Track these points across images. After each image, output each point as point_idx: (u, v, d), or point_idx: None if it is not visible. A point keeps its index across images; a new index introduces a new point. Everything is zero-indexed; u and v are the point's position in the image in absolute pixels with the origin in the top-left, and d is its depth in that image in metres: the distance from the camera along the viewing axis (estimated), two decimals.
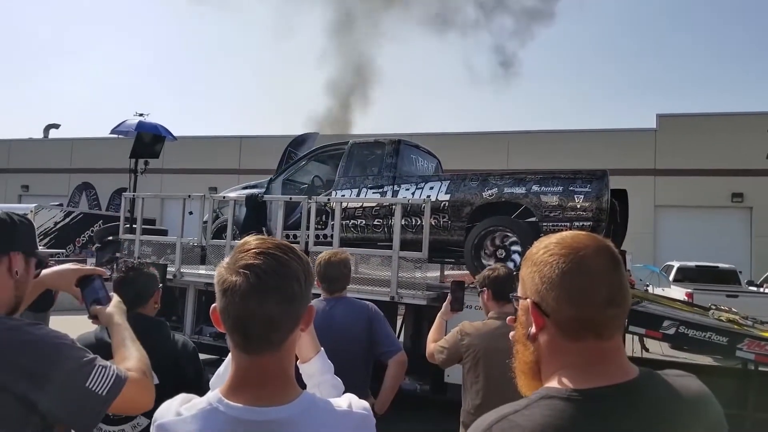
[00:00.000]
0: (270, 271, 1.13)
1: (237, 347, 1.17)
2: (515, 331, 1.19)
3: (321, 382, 1.66)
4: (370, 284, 6.76)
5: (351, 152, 8.14)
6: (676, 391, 1.07)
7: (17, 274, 1.56)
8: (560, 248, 1.08)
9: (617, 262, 1.08)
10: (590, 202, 6.45)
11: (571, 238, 1.10)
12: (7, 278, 1.54)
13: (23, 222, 1.62)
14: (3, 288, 1.53)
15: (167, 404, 1.20)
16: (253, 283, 1.11)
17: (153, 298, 2.67)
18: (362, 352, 3.24)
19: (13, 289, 1.56)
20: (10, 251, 1.55)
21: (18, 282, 1.57)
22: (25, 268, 1.59)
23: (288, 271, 1.15)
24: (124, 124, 12.45)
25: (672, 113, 22.48)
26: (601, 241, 1.10)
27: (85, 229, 20.74)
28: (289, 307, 1.15)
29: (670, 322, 5.85)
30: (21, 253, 1.57)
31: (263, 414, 1.13)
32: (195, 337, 7.52)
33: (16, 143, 32.43)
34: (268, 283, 1.12)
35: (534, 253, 1.13)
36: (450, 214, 7.15)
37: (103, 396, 1.45)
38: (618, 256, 1.10)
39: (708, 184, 20.67)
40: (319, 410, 1.18)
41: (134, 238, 8.63)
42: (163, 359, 2.39)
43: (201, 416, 1.13)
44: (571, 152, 21.33)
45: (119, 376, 1.50)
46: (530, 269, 1.12)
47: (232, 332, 1.17)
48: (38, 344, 1.44)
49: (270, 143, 20.57)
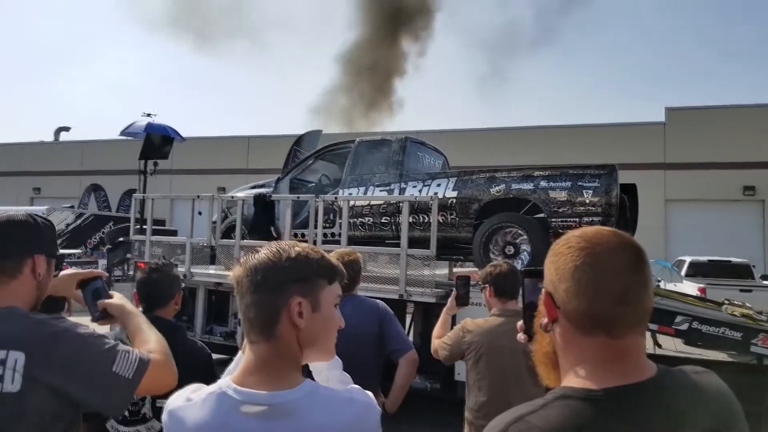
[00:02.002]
0: (263, 267, 1.25)
1: (246, 336, 1.27)
2: (536, 320, 1.18)
3: (329, 377, 1.70)
4: (379, 282, 6.75)
5: (358, 150, 8.15)
6: (695, 388, 1.06)
7: (40, 276, 1.63)
8: (579, 241, 1.08)
9: (640, 262, 1.06)
10: (599, 197, 6.41)
11: (593, 233, 1.10)
12: (30, 279, 1.61)
13: (46, 224, 1.69)
14: (26, 288, 1.60)
15: (178, 392, 1.28)
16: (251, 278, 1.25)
17: (174, 299, 2.67)
18: (373, 351, 3.23)
19: (35, 290, 1.63)
20: (34, 253, 1.61)
21: (40, 283, 1.64)
22: (47, 270, 1.66)
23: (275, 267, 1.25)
24: (134, 126, 12.52)
25: (681, 106, 22.31)
26: (625, 239, 1.09)
27: (96, 231, 20.86)
28: (272, 297, 1.24)
29: (683, 317, 5.80)
30: (44, 255, 1.64)
31: (267, 398, 1.18)
32: (206, 336, 7.57)
33: (28, 147, 32.73)
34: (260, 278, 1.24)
35: (556, 244, 1.13)
36: (458, 211, 7.13)
37: (129, 379, 1.52)
38: (643, 256, 1.08)
39: (719, 177, 20.52)
40: (321, 396, 1.22)
41: (145, 239, 8.68)
42: (180, 364, 2.39)
43: (209, 400, 1.20)
44: (579, 147, 21.24)
45: (142, 359, 1.57)
46: (549, 260, 1.12)
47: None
48: (64, 335, 1.50)
49: (277, 143, 20.62)
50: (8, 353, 1.42)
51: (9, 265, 1.57)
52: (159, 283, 2.62)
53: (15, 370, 1.41)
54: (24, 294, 1.60)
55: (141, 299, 2.62)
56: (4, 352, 1.42)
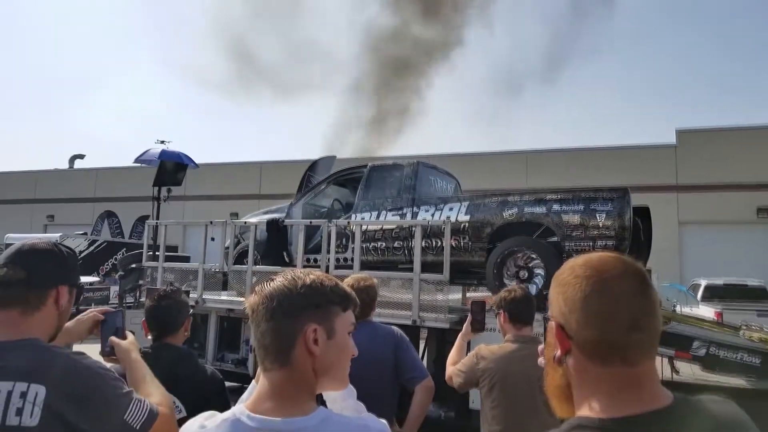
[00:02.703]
0: (278, 294, 1.25)
1: (260, 363, 1.27)
2: (545, 352, 1.17)
3: (343, 407, 1.70)
4: (392, 308, 6.71)
5: (370, 175, 8.18)
6: (713, 418, 1.03)
7: (62, 307, 1.63)
8: (585, 270, 1.07)
9: (646, 287, 1.06)
10: (613, 221, 6.37)
11: (598, 260, 1.09)
12: (53, 310, 1.61)
13: (71, 254, 1.70)
14: (49, 319, 1.61)
15: (192, 420, 1.27)
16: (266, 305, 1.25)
17: (184, 325, 2.66)
18: (388, 378, 3.20)
19: (56, 320, 1.64)
20: (58, 285, 1.62)
21: (62, 314, 1.65)
22: (69, 300, 1.66)
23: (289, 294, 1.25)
24: (148, 153, 12.64)
25: (692, 128, 22.24)
26: (629, 264, 1.08)
27: (109, 257, 21.01)
28: (288, 324, 1.24)
29: (700, 342, 5.73)
30: (67, 286, 1.65)
31: (281, 425, 1.18)
32: (217, 363, 7.52)
33: (42, 174, 33.11)
34: (275, 305, 1.24)
35: (560, 273, 1.12)
36: (470, 235, 7.11)
37: (137, 429, 1.52)
38: (648, 279, 1.07)
39: (732, 199, 20.35)
40: (335, 423, 1.22)
41: (157, 265, 8.71)
42: (192, 390, 2.38)
43: (223, 427, 1.20)
44: (590, 170, 21.19)
45: (152, 411, 1.58)
46: (556, 290, 1.11)
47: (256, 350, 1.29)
48: (86, 372, 1.50)
49: (290, 168, 20.74)
50: (29, 386, 1.42)
51: (34, 296, 1.57)
52: (169, 309, 2.61)
53: (35, 404, 1.40)
54: (46, 325, 1.60)
55: (151, 327, 2.61)
56: (25, 384, 1.42)
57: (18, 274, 1.56)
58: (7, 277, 1.56)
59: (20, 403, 1.40)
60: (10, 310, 1.55)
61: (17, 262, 1.58)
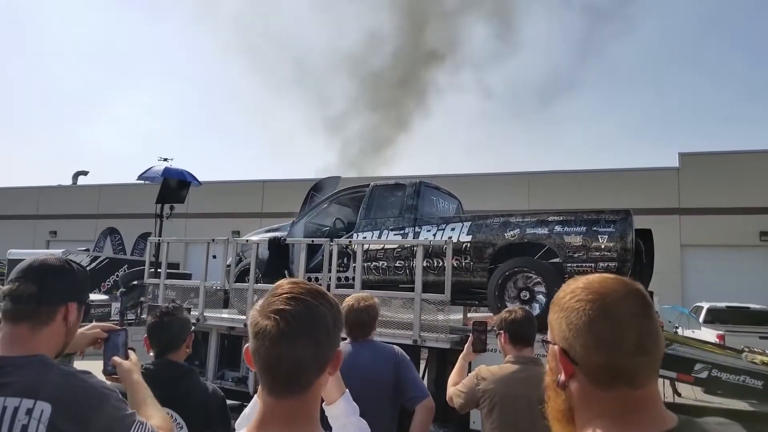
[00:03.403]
0: (299, 317, 1.14)
1: (265, 388, 1.18)
2: (546, 377, 1.16)
3: (346, 423, 1.67)
4: (393, 327, 6.70)
5: (372, 194, 8.20)
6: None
7: (70, 323, 1.63)
8: (587, 293, 1.06)
9: (648, 307, 1.05)
10: (615, 243, 6.38)
11: (599, 282, 1.08)
12: (62, 326, 1.61)
13: (81, 271, 1.69)
14: (56, 335, 1.60)
15: None
16: (282, 328, 1.13)
17: (186, 342, 2.67)
18: (388, 397, 3.19)
19: (64, 336, 1.63)
20: (68, 301, 1.62)
21: (69, 330, 1.64)
22: (77, 316, 1.66)
23: (317, 317, 1.17)
24: (151, 171, 12.71)
25: (694, 152, 22.32)
26: (630, 285, 1.08)
27: (111, 274, 20.98)
28: (317, 351, 1.16)
29: (702, 365, 5.70)
30: (76, 303, 1.65)
31: None
32: (217, 381, 7.49)
33: (45, 190, 33.22)
34: (297, 329, 1.13)
35: (561, 297, 1.11)
36: (472, 256, 7.11)
37: None
38: (649, 300, 1.07)
39: (735, 222, 20.34)
40: None
41: (159, 283, 8.71)
42: (193, 407, 2.38)
43: None
44: (592, 192, 21.24)
45: None
46: (557, 315, 1.10)
47: (261, 373, 1.18)
48: (91, 392, 1.50)
49: (292, 187, 20.81)
50: (36, 403, 1.42)
51: (44, 312, 1.57)
52: (171, 326, 2.61)
53: (40, 422, 1.40)
54: (54, 341, 1.60)
55: (153, 343, 2.61)
56: (31, 401, 1.42)
57: (29, 289, 1.56)
58: (18, 291, 1.55)
59: (26, 419, 1.40)
60: (20, 325, 1.55)
61: (29, 277, 1.58)
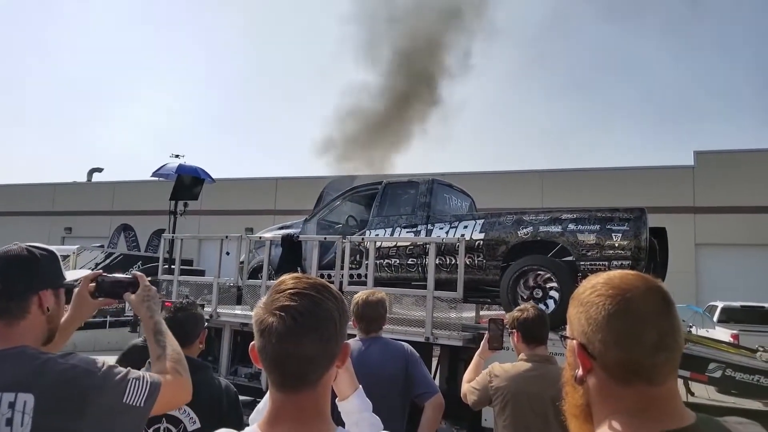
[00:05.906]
0: (305, 312, 1.14)
1: (274, 384, 1.18)
2: (564, 372, 1.16)
3: (359, 420, 1.67)
4: (405, 324, 6.70)
5: (385, 192, 8.21)
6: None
7: (48, 311, 1.60)
8: (607, 289, 1.06)
9: (668, 304, 1.05)
10: (629, 241, 6.34)
11: (620, 278, 1.07)
12: (39, 316, 1.58)
13: (46, 256, 1.64)
14: (36, 325, 1.57)
15: None
16: (288, 324, 1.12)
17: (199, 338, 2.69)
18: (398, 394, 3.20)
19: (46, 324, 1.60)
20: (39, 290, 1.58)
21: (50, 317, 1.61)
22: (56, 302, 1.63)
23: (323, 312, 1.16)
24: (165, 168, 12.81)
25: (710, 150, 22.11)
26: (651, 282, 1.07)
27: (125, 270, 21.15)
28: (325, 346, 1.16)
29: (716, 364, 5.66)
30: (50, 289, 1.61)
31: None
32: (230, 377, 7.54)
33: (60, 187, 33.55)
34: (303, 325, 1.13)
35: (581, 292, 1.11)
36: (485, 253, 7.10)
37: (141, 407, 1.52)
38: (670, 297, 1.06)
39: (750, 221, 20.13)
40: None
41: (172, 279, 8.78)
42: (206, 402, 2.40)
43: None
44: (606, 190, 21.09)
45: (153, 383, 1.56)
46: (577, 309, 1.09)
47: (269, 371, 1.18)
48: (72, 373, 1.47)
49: (305, 184, 20.86)
50: (17, 396, 1.41)
51: (15, 306, 1.54)
52: (185, 321, 2.63)
53: (24, 413, 1.39)
54: (35, 331, 1.57)
55: None
56: (12, 395, 1.41)
57: None
58: None
59: (9, 413, 1.39)
60: None
61: None
